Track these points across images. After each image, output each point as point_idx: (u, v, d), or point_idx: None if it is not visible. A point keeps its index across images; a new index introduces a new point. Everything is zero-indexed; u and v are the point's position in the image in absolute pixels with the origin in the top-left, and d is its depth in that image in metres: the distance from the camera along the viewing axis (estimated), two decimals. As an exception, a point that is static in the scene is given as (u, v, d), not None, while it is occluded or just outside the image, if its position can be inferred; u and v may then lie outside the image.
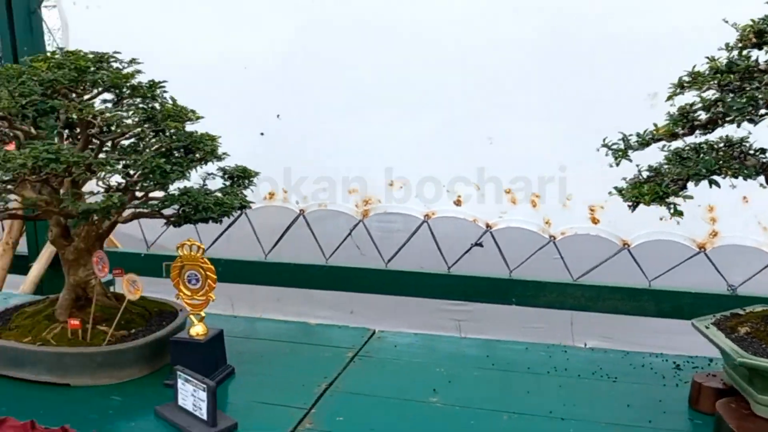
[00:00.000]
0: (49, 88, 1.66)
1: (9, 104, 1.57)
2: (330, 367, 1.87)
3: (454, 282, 2.70)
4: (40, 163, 1.48)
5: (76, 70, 1.68)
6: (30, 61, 1.76)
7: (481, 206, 2.63)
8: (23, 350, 1.73)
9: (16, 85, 1.61)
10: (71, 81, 1.68)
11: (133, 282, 1.72)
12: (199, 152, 1.76)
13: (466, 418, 1.58)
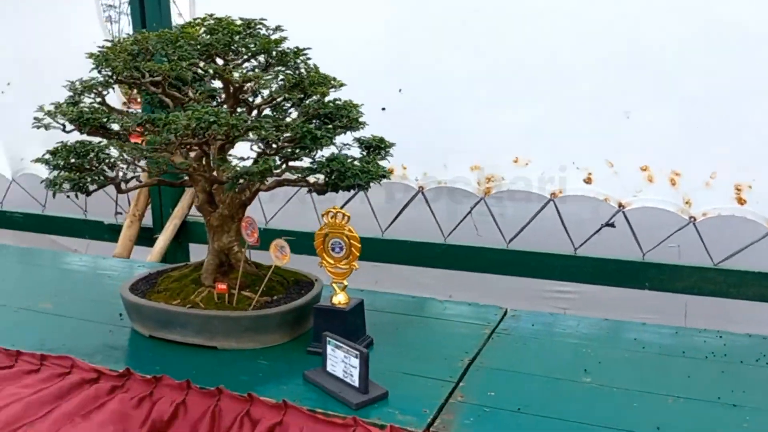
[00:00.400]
0: (204, 53, 1.67)
1: (169, 68, 1.59)
2: (469, 342, 1.82)
3: (581, 263, 2.60)
4: (203, 124, 1.49)
5: (229, 34, 1.69)
6: (181, 26, 1.79)
7: (613, 184, 2.50)
8: (173, 312, 1.77)
9: (174, 48, 1.63)
10: (225, 45, 1.69)
11: (282, 248, 1.72)
12: (344, 119, 1.74)
13: (626, 399, 1.50)
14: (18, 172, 3.82)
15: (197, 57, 1.66)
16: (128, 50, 1.66)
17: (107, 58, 1.67)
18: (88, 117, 1.64)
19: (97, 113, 1.66)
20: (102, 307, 2.09)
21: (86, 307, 2.09)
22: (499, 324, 1.96)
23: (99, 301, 2.14)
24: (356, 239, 1.72)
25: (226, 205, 1.88)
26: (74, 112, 1.62)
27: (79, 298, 2.17)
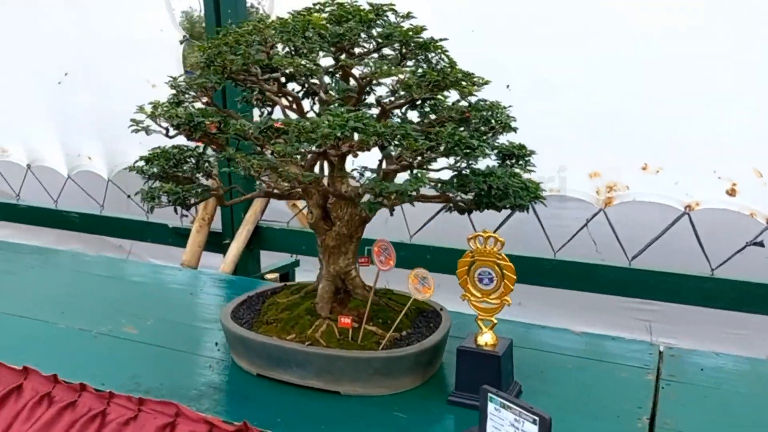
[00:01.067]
0: (335, 45, 1.39)
1: (300, 63, 1.32)
2: (636, 393, 1.53)
3: (720, 286, 2.28)
4: (346, 132, 1.22)
5: (362, 23, 1.41)
6: (298, 13, 1.52)
7: (761, 197, 2.18)
8: (289, 350, 1.51)
9: (303, 40, 1.36)
10: (356, 36, 1.41)
11: (423, 279, 1.45)
12: (494, 124, 1.45)
13: None
14: (74, 169, 3.60)
15: (327, 49, 1.38)
16: (247, 41, 1.38)
17: (219, 52, 1.40)
18: (200, 121, 1.37)
19: (208, 116, 1.39)
20: (193, 334, 1.84)
21: (175, 332, 1.85)
22: (659, 366, 1.66)
23: (188, 326, 1.90)
24: (511, 269, 1.43)
25: (344, 222, 1.61)
26: (182, 115, 1.36)
27: (164, 321, 1.93)
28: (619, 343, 1.83)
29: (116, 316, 1.94)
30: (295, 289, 1.77)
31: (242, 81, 1.50)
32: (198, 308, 2.06)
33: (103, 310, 2.01)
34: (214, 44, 1.41)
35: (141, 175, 1.55)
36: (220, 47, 1.39)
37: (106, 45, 3.23)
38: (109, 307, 2.04)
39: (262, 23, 1.41)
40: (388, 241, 1.48)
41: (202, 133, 1.40)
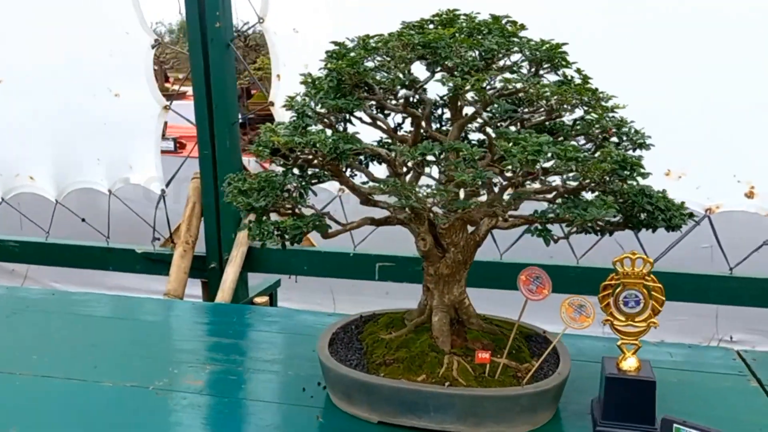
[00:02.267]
0: (485, 59, 1.28)
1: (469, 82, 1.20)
2: (754, 403, 1.55)
3: (740, 285, 2.39)
4: (540, 158, 1.12)
5: (504, 36, 1.31)
6: (408, 26, 1.39)
7: (779, 198, 2.31)
8: (428, 393, 1.38)
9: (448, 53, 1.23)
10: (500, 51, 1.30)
11: (580, 307, 1.37)
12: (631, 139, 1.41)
13: None
14: (9, 192, 3.17)
15: (472, 67, 1.27)
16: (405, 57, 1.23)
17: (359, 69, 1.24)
18: (347, 147, 1.21)
19: (353, 142, 1.23)
20: (263, 380, 1.65)
21: (248, 382, 1.64)
22: (753, 371, 1.70)
23: (253, 371, 1.70)
24: (660, 290, 1.40)
25: (459, 248, 1.50)
26: (328, 143, 1.19)
27: (222, 370, 1.71)
28: (697, 351, 1.85)
29: (161, 368, 1.69)
30: (390, 321, 1.63)
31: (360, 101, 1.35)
32: (249, 349, 1.85)
33: (144, 359, 1.75)
34: (349, 59, 1.25)
35: (245, 210, 1.35)
36: (358, 61, 1.23)
37: (57, 45, 2.84)
38: (136, 354, 1.78)
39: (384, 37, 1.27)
40: (540, 268, 1.39)
41: (349, 160, 1.23)
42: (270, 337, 1.92)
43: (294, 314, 2.10)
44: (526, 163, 1.10)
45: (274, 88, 2.61)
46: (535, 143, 1.12)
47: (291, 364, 1.73)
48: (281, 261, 2.79)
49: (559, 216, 1.20)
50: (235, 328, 1.98)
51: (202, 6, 2.54)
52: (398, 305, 3.76)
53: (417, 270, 2.67)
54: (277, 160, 1.39)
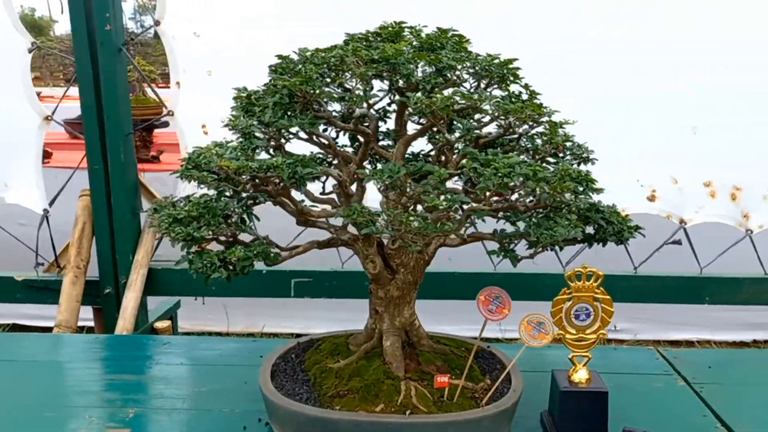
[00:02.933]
0: (442, 75, 1.24)
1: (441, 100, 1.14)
2: (686, 402, 1.62)
3: (643, 283, 2.52)
4: (516, 179, 1.09)
5: (455, 50, 1.27)
6: (354, 39, 1.31)
7: (676, 201, 2.46)
8: (391, 424, 1.31)
9: (406, 70, 1.17)
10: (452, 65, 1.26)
11: (540, 324, 1.35)
12: (580, 158, 1.42)
13: None
14: None
15: (434, 84, 1.22)
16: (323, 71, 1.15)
17: (307, 80, 1.15)
18: (307, 172, 1.11)
19: (310, 165, 1.13)
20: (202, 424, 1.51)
21: (192, 423, 1.50)
22: (678, 371, 1.78)
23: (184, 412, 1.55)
24: (609, 302, 1.42)
25: (410, 269, 1.45)
26: (285, 168, 1.09)
27: (149, 416, 1.55)
28: (622, 352, 1.92)
29: (76, 415, 1.51)
30: (334, 348, 1.55)
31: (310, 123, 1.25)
32: (173, 385, 1.69)
33: (57, 409, 1.55)
34: (304, 77, 1.15)
35: (182, 241, 1.22)
36: (314, 79, 1.14)
37: None
38: (37, 404, 1.57)
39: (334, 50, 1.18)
40: (501, 289, 1.36)
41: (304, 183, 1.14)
42: (193, 371, 1.77)
43: (217, 342, 1.95)
44: (501, 186, 1.06)
45: (174, 96, 2.43)
46: (506, 164, 1.09)
47: (225, 399, 1.60)
48: (187, 282, 2.60)
49: (530, 235, 1.17)
50: (148, 362, 1.80)
51: (89, 6, 2.30)
52: (297, 316, 3.66)
53: (334, 285, 2.61)
54: (212, 184, 1.26)
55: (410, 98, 1.14)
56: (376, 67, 1.15)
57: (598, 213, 1.35)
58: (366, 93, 1.16)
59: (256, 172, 1.09)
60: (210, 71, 2.37)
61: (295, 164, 1.11)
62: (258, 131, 1.17)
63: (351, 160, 1.40)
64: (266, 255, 1.24)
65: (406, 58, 1.16)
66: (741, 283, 2.51)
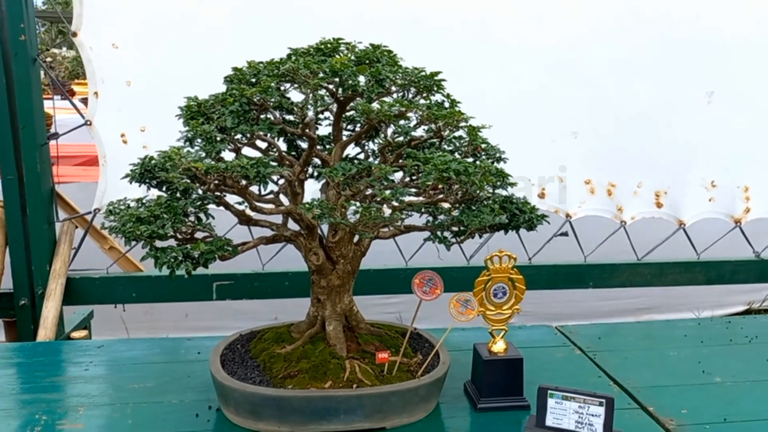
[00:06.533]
0: (382, 86, 1.42)
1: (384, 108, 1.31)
2: (583, 366, 1.89)
3: (536, 272, 2.82)
4: (451, 174, 1.29)
5: (390, 64, 1.46)
6: (299, 53, 1.47)
7: (562, 197, 2.78)
8: (339, 397, 1.46)
9: (348, 82, 1.35)
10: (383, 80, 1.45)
11: (466, 301, 1.56)
12: (494, 157, 1.65)
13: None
14: None
15: (377, 93, 1.40)
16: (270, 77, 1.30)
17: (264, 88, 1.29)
18: (269, 171, 1.25)
19: (270, 166, 1.28)
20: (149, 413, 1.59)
21: (143, 417, 1.57)
22: (574, 342, 2.06)
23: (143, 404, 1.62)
24: (522, 281, 1.65)
25: (348, 259, 1.61)
26: (251, 168, 1.22)
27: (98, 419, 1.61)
28: (526, 330, 2.18)
29: (27, 419, 1.55)
30: (277, 336, 1.68)
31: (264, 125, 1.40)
32: (117, 384, 1.75)
33: None
34: (262, 86, 1.29)
35: (144, 239, 1.32)
36: (272, 88, 1.28)
37: None
38: None
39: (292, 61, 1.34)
40: (434, 272, 1.55)
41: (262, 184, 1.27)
42: (135, 369, 1.83)
43: (154, 343, 2.01)
44: (440, 180, 1.25)
45: (92, 106, 2.45)
46: (443, 162, 1.28)
47: (172, 392, 1.68)
48: (105, 290, 2.61)
49: (460, 222, 1.37)
50: (87, 364, 1.85)
51: (3, 16, 2.29)
52: (197, 325, 3.70)
53: (255, 286, 2.72)
54: (182, 184, 1.36)
55: (357, 104, 1.31)
56: (326, 78, 1.31)
57: (513, 204, 1.57)
58: (321, 100, 1.32)
59: (224, 173, 1.21)
60: (129, 81, 2.42)
61: (258, 165, 1.25)
62: (219, 136, 1.29)
63: (294, 163, 1.55)
64: (224, 249, 1.36)
65: (351, 71, 1.33)
66: (618, 269, 2.87)
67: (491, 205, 1.42)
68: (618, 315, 4.19)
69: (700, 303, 3.69)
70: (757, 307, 3.84)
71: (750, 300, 3.91)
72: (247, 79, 1.36)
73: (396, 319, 3.65)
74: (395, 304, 3.54)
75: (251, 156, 1.35)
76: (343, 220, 1.25)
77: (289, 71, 1.29)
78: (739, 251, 2.98)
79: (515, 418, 1.58)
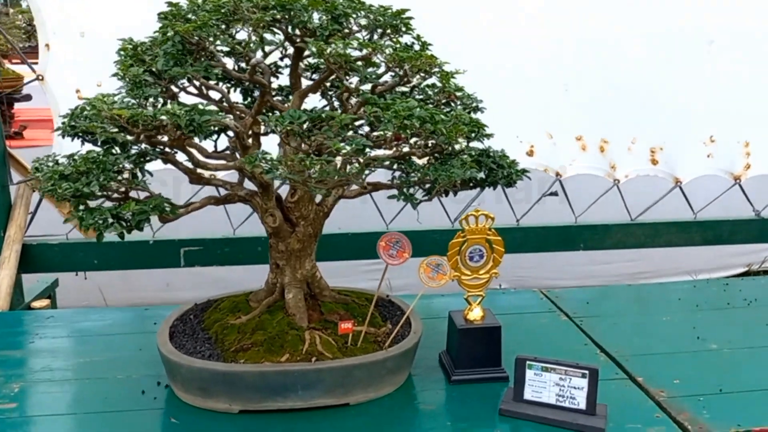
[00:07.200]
0: (338, 23, 1.25)
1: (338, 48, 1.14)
2: (569, 333, 1.76)
3: (524, 234, 2.67)
4: (415, 122, 1.12)
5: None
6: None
7: (552, 155, 2.62)
8: (296, 372, 1.32)
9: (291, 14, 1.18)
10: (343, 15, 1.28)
11: (438, 266, 1.41)
12: (470, 107, 1.48)
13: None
14: None
15: (331, 31, 1.23)
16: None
17: (203, 24, 1.12)
18: (204, 120, 1.09)
19: (208, 114, 1.11)
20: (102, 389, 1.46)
21: (85, 393, 1.44)
22: (560, 307, 1.92)
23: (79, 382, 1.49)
24: (500, 243, 1.50)
25: (309, 221, 1.46)
26: (183, 116, 1.06)
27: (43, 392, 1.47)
28: (509, 295, 2.05)
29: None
30: (234, 306, 1.53)
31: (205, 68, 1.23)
32: (60, 357, 1.61)
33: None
34: (197, 22, 1.12)
35: (69, 197, 1.16)
36: (209, 24, 1.11)
37: None
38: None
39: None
40: (401, 234, 1.40)
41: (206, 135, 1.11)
42: (83, 342, 1.70)
43: (107, 313, 1.88)
44: (401, 128, 1.09)
45: (43, 60, 2.27)
46: (406, 108, 1.12)
47: (119, 367, 1.55)
48: (64, 257, 2.47)
49: (427, 178, 1.22)
50: (32, 336, 1.71)
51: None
52: (179, 296, 3.59)
53: (226, 251, 2.57)
54: (103, 135, 1.20)
55: (309, 43, 1.14)
56: (272, 13, 1.14)
57: (489, 157, 1.42)
58: (262, 39, 1.15)
59: (150, 121, 1.05)
60: (83, 32, 2.24)
61: (192, 112, 1.08)
62: (149, 80, 1.13)
63: (246, 114, 1.39)
64: (162, 209, 1.20)
65: (302, 5, 1.16)
66: (610, 229, 2.72)
67: (463, 158, 1.26)
68: (611, 281, 4.07)
69: (696, 267, 3.56)
70: (757, 269, 3.71)
71: (749, 262, 3.79)
72: (184, 15, 1.19)
73: (385, 287, 3.53)
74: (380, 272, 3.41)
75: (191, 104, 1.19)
76: (291, 175, 1.09)
77: (229, 5, 1.12)
78: (738, 212, 2.84)
79: (493, 390, 1.44)
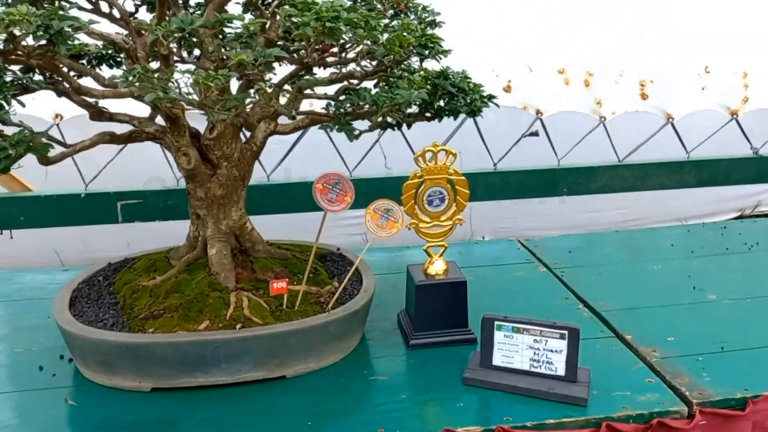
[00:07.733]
0: None
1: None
2: (547, 286, 1.54)
3: (502, 179, 2.43)
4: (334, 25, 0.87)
5: None
6: None
7: (532, 91, 2.36)
8: (217, 341, 1.10)
9: None
10: None
11: (387, 211, 1.17)
12: (425, 21, 1.23)
13: None
14: None
15: None
16: None
17: None
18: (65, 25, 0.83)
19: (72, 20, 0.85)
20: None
21: None
22: (539, 257, 1.70)
23: None
24: (464, 183, 1.26)
25: (234, 162, 1.21)
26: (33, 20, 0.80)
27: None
28: (483, 245, 1.83)
29: None
30: (150, 264, 1.30)
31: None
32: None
33: None
34: None
35: None
36: None
37: None
38: None
39: None
40: (340, 174, 1.15)
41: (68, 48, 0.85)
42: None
43: (15, 275, 1.64)
44: (323, 33, 0.84)
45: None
46: (330, 7, 0.86)
47: (17, 339, 1.31)
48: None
49: (359, 105, 0.97)
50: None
51: None
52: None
53: (169, 205, 2.31)
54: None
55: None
56: None
57: (447, 79, 1.16)
58: None
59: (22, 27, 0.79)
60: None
61: (48, 16, 0.82)
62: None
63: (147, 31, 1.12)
64: (30, 146, 0.95)
65: None
66: (595, 172, 2.48)
67: (411, 77, 1.00)
68: (599, 230, 3.86)
69: (689, 213, 3.34)
70: (750, 213, 3.51)
71: (742, 206, 3.57)
72: None
73: (363, 241, 3.28)
74: (361, 225, 3.16)
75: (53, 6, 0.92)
76: (168, 95, 0.84)
77: None
78: (734, 150, 2.60)
79: (458, 356, 1.23)
